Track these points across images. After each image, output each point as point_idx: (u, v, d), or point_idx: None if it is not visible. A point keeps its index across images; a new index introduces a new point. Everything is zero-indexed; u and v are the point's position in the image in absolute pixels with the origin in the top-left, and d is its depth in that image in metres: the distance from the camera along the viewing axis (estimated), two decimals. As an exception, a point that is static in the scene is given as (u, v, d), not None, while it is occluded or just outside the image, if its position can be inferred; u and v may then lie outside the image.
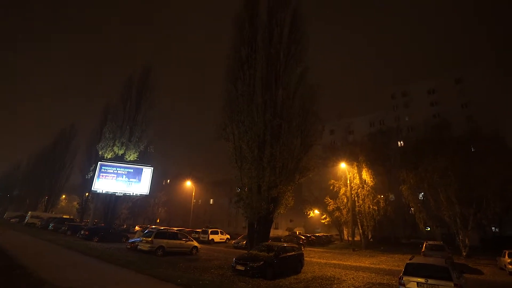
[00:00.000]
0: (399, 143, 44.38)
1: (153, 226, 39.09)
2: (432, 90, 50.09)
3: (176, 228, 32.78)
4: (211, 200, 66.96)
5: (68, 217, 46.64)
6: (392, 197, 37.49)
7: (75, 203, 56.19)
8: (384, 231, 36.17)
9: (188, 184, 52.87)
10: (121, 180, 31.84)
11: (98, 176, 30.87)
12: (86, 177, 40.28)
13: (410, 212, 32.92)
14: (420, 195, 29.48)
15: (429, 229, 32.98)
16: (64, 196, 76.46)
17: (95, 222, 38.78)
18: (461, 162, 24.40)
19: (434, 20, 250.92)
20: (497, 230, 34.98)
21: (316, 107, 17.92)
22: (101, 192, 31.48)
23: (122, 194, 32.31)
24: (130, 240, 20.90)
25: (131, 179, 32.49)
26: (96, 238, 23.53)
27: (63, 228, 29.44)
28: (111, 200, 33.08)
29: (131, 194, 33.21)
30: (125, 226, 46.39)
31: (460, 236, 24.89)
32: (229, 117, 17.39)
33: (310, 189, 38.72)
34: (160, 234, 18.58)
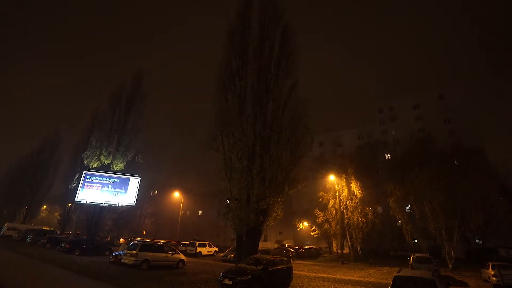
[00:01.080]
0: (386, 156, 45.39)
1: (139, 239, 37.85)
2: (416, 105, 51.97)
3: (162, 241, 31.86)
4: (200, 211, 65.70)
5: (48, 229, 44.58)
6: (380, 209, 37.93)
7: (57, 214, 53.87)
8: (373, 243, 36.31)
9: (176, 195, 51.82)
10: (106, 191, 30.92)
11: (83, 186, 29.88)
12: (70, 187, 38.93)
13: (398, 224, 33.31)
14: (407, 208, 29.98)
15: (416, 241, 33.36)
16: (45, 206, 73.22)
17: (77, 234, 37.20)
18: (446, 175, 25.13)
19: (422, 40, 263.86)
20: (480, 242, 35.75)
21: (306, 119, 18.19)
22: (85, 202, 30.38)
23: (107, 205, 31.28)
24: (114, 253, 20.12)
25: (117, 190, 31.60)
26: (78, 251, 22.53)
27: (42, 240, 28.08)
28: (95, 211, 31.95)
29: (117, 205, 32.21)
30: (109, 238, 44.68)
31: (446, 249, 25.28)
32: (219, 127, 17.40)
33: (299, 201, 38.72)
34: (145, 247, 17.98)
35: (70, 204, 45.76)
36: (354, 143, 49.12)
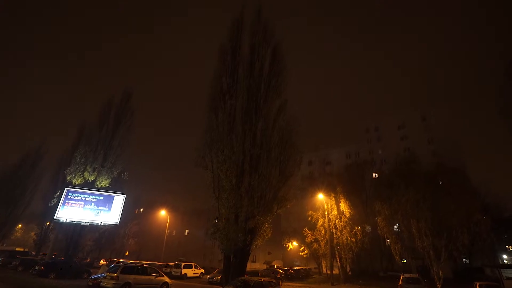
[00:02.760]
0: (373, 175, 46.08)
1: (121, 260, 36.00)
2: (401, 126, 53.82)
3: (146, 262, 30.38)
4: (187, 231, 63.59)
5: (21, 249, 41.75)
6: (369, 228, 37.89)
7: (33, 233, 50.73)
8: (362, 263, 35.90)
9: (163, 213, 50.24)
10: (89, 208, 29.63)
11: (63, 204, 28.53)
12: (49, 205, 37.06)
13: (387, 244, 33.27)
14: (395, 227, 30.12)
15: (405, 261, 33.27)
16: (20, 225, 69.01)
17: (54, 255, 35.00)
18: (431, 194, 25.67)
19: (408, 62, 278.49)
20: (467, 261, 36.00)
21: (295, 138, 18.49)
22: (64, 221, 28.87)
23: (88, 223, 29.85)
24: (93, 276, 18.96)
25: (100, 207, 30.35)
26: (53, 274, 21.09)
27: (14, 263, 26.22)
28: (75, 230, 30.37)
29: (99, 223, 30.79)
30: (88, 260, 42.20)
31: (434, 268, 25.28)
32: (208, 145, 17.40)
33: (288, 220, 38.29)
34: (127, 269, 17.08)
35: (48, 223, 43.36)
36: (343, 162, 49.84)
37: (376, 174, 45.46)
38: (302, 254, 36.99)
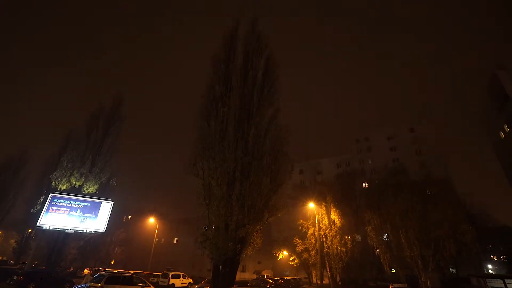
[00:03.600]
0: (363, 184, 46.65)
1: (106, 269, 34.86)
2: (391, 137, 55.00)
3: (132, 271, 29.53)
4: (175, 239, 62.24)
5: None
6: (358, 238, 38.09)
7: (13, 241, 48.60)
8: (352, 273, 35.87)
9: (151, 221, 49.15)
10: (74, 215, 28.72)
11: (47, 210, 27.58)
12: (32, 211, 35.77)
13: (376, 253, 33.46)
14: (384, 236, 30.41)
15: (394, 271, 33.47)
16: (0, 232, 66.12)
17: (34, 264, 33.55)
18: (419, 205, 26.17)
19: (397, 76, 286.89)
20: (454, 271, 36.49)
21: (286, 147, 18.62)
22: (48, 228, 27.83)
23: (73, 231, 28.87)
24: (76, 287, 18.29)
25: (86, 214, 29.46)
26: (33, 285, 20.16)
27: (-9, 272, 24.93)
28: (59, 238, 29.31)
29: (84, 231, 29.81)
30: (71, 269, 40.57)
31: (423, 278, 25.54)
32: (200, 152, 17.31)
33: (279, 229, 38.09)
34: (112, 279, 16.57)
35: (30, 230, 41.70)
36: (333, 171, 50.30)
37: (366, 184, 46.04)
38: (292, 263, 36.71)
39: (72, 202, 29.07)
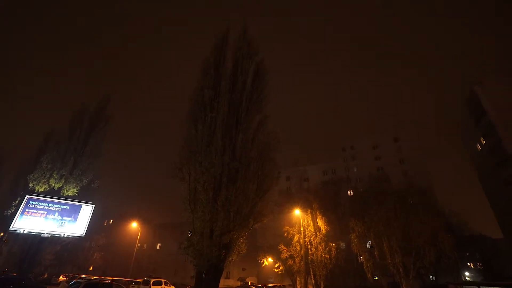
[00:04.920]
0: (349, 192, 47.43)
1: (83, 276, 33.45)
2: (375, 146, 56.46)
3: (112, 278, 28.48)
4: (158, 245, 60.69)
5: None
6: (343, 245, 38.47)
7: (-17, 245, 45.83)
8: (336, 280, 36.06)
9: (134, 225, 47.74)
10: (51, 219, 27.50)
11: (23, 213, 26.27)
12: (5, 214, 33.93)
13: (359, 260, 33.89)
14: (368, 244, 30.90)
15: (376, 278, 33.91)
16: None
17: (5, 271, 31.71)
18: (401, 213, 26.87)
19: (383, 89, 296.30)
20: (434, 278, 37.45)
21: (274, 153, 18.70)
22: (22, 232, 26.47)
23: (49, 235, 27.59)
24: (49, 295, 17.38)
25: (65, 218, 28.28)
26: (2, 293, 19.06)
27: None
28: (34, 242, 27.93)
29: (62, 235, 28.57)
30: (45, 276, 38.62)
31: (404, 285, 26.05)
32: (186, 157, 17.12)
33: (264, 236, 37.91)
34: (89, 286, 15.93)
35: (1, 234, 39.50)
36: (320, 179, 50.90)
37: (351, 192, 46.83)
38: (277, 270, 36.52)
39: (50, 205, 27.85)
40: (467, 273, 46.63)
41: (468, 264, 47.66)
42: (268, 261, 38.25)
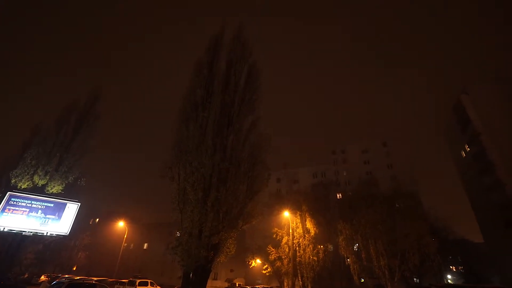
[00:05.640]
0: (338, 195, 47.97)
1: (66, 276, 32.57)
2: (365, 150, 57.40)
3: (96, 278, 27.83)
4: (146, 244, 59.69)
5: None
6: (331, 247, 38.86)
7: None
8: (323, 282, 36.37)
9: (121, 225, 46.80)
10: (34, 216, 26.59)
11: (3, 210, 25.29)
12: (-14, 211, 32.66)
13: (347, 263, 34.31)
14: (355, 247, 31.34)
15: (363, 280, 34.38)
16: None
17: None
18: (388, 217, 27.41)
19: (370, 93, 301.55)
20: (418, 281, 38.30)
21: (265, 155, 18.75)
22: (2, 230, 25.51)
23: (32, 233, 26.68)
24: (30, 295, 16.84)
25: (48, 216, 27.40)
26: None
27: None
28: (14, 241, 26.95)
29: (45, 234, 27.67)
30: (26, 276, 37.36)
31: (389, 287, 26.55)
32: (177, 156, 16.96)
33: (253, 237, 37.88)
34: (72, 286, 15.49)
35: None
36: (310, 181, 51.32)
37: (340, 195, 47.38)
38: (265, 272, 36.54)
39: (33, 202, 26.94)
40: (449, 276, 47.91)
41: (451, 267, 49.01)
42: (256, 262, 38.22)
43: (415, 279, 38.45)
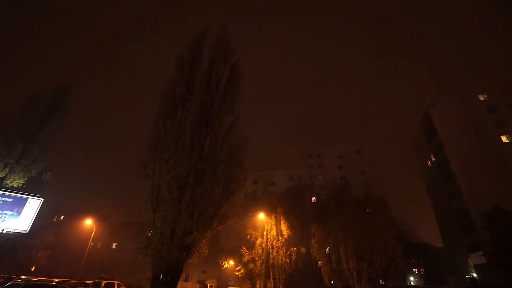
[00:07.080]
0: (312, 198, 49.15)
1: (23, 277, 30.30)
2: (340, 156, 59.39)
3: (57, 279, 26.16)
4: (114, 244, 57.09)
5: None
6: (303, 250, 39.66)
7: None
8: (294, 284, 36.99)
9: (88, 223, 44.37)
10: (-11, 212, 24.48)
11: (-47, 204, 23.06)
12: None
13: (318, 265, 35.23)
14: (327, 249, 32.28)
15: (332, 282, 35.49)
16: None
17: None
18: (359, 221, 28.60)
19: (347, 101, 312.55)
20: (383, 283, 40.22)
21: (242, 156, 18.77)
22: (-50, 226, 23.22)
23: (-15, 230, 24.52)
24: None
25: (5, 211, 25.30)
26: None
27: None
28: (-36, 238, 24.62)
29: (0, 231, 25.54)
30: (-24, 276, 34.16)
31: (356, 289, 27.63)
32: (152, 153, 16.47)
33: (227, 238, 37.77)
34: (29, 288, 14.44)
35: None
36: (286, 184, 52.09)
37: (315, 198, 48.60)
38: (238, 273, 36.43)
39: (-11, 196, 24.79)
40: (412, 278, 50.84)
41: (414, 269, 52.04)
42: (229, 264, 38.02)
43: (381, 281, 40.36)
